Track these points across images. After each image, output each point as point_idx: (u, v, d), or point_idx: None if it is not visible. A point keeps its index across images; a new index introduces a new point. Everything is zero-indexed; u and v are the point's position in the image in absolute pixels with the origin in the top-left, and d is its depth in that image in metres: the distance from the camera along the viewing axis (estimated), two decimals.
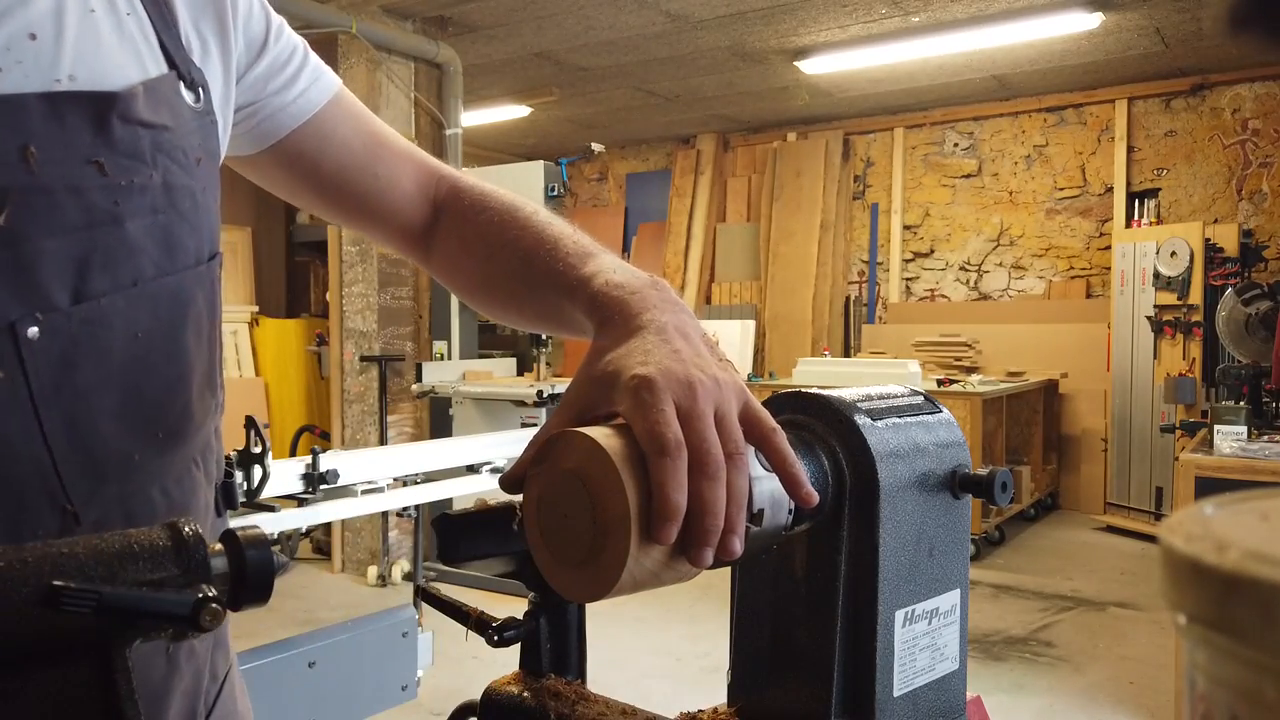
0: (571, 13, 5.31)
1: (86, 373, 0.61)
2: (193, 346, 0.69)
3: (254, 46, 0.78)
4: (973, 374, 6.25)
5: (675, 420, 0.53)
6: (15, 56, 0.58)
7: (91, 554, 0.46)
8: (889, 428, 0.64)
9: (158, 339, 0.65)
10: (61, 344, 0.59)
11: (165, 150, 0.65)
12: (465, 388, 5.21)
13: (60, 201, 0.59)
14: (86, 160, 0.60)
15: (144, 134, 0.63)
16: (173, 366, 0.67)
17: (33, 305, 0.58)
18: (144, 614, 0.45)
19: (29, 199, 0.58)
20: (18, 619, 0.43)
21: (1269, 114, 6.36)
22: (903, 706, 0.63)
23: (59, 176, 0.59)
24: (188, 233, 0.67)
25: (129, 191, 0.62)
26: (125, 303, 0.63)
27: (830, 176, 7.76)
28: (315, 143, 0.82)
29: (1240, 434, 3.13)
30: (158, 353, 0.65)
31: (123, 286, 0.62)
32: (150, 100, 0.64)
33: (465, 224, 0.84)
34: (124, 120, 0.62)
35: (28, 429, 0.58)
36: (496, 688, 0.71)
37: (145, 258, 0.64)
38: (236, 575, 0.49)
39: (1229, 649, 0.24)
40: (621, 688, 0.73)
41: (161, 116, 0.65)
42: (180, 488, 0.69)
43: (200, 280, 0.69)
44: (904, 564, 0.63)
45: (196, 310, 0.69)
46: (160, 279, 0.65)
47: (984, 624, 4.25)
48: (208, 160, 0.70)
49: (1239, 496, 0.29)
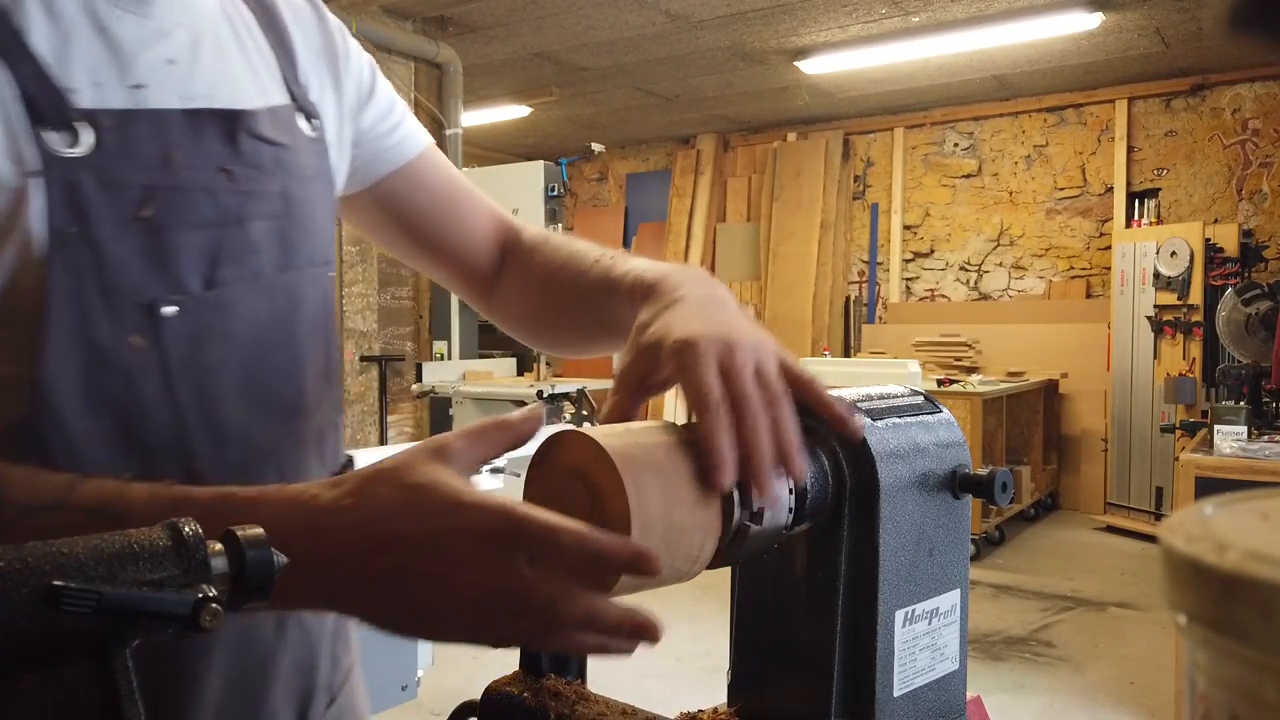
0: (571, 13, 5.31)
1: (213, 350, 0.69)
2: (307, 339, 0.77)
3: (362, 95, 0.88)
4: (973, 374, 6.25)
5: (717, 378, 0.57)
6: (158, 78, 0.68)
7: (91, 554, 0.46)
8: (889, 428, 0.64)
9: (275, 328, 0.74)
10: (192, 323, 0.68)
11: (284, 165, 0.75)
12: (465, 388, 5.21)
13: (195, 200, 0.69)
14: (218, 167, 0.70)
15: (266, 149, 0.73)
16: (287, 354, 0.75)
17: (170, 288, 0.67)
18: (144, 614, 0.45)
19: (170, 196, 0.67)
20: (18, 619, 0.43)
21: (1269, 114, 6.36)
22: (903, 706, 0.63)
23: (195, 179, 0.68)
24: (301, 238, 0.76)
25: (252, 196, 0.72)
26: (247, 292, 0.72)
27: (830, 176, 7.76)
28: (407, 187, 0.91)
29: (1240, 434, 3.13)
30: (275, 340, 0.74)
31: (245, 278, 0.71)
32: (272, 121, 0.75)
33: (526, 260, 0.93)
34: (250, 135, 0.72)
35: (162, 396, 0.67)
36: (496, 688, 0.71)
37: (265, 255, 0.73)
38: (236, 575, 0.49)
39: (1229, 649, 0.24)
40: (621, 688, 0.73)
41: (281, 136, 0.75)
42: (294, 467, 0.76)
43: (314, 281, 0.78)
44: (904, 564, 0.63)
45: (310, 308, 0.78)
46: (277, 275, 0.74)
47: (984, 624, 4.25)
48: (321, 180, 0.80)
49: (1239, 496, 0.29)
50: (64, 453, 0.63)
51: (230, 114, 0.72)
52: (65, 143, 0.63)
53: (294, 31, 0.82)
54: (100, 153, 0.64)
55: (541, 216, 5.39)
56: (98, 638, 0.45)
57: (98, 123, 0.64)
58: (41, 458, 0.61)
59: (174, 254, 0.67)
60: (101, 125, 0.64)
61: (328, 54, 0.85)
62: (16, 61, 0.62)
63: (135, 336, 0.65)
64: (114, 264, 0.65)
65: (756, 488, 0.56)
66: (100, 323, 0.64)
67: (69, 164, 0.63)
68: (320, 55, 0.84)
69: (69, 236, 0.63)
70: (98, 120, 0.64)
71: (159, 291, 0.66)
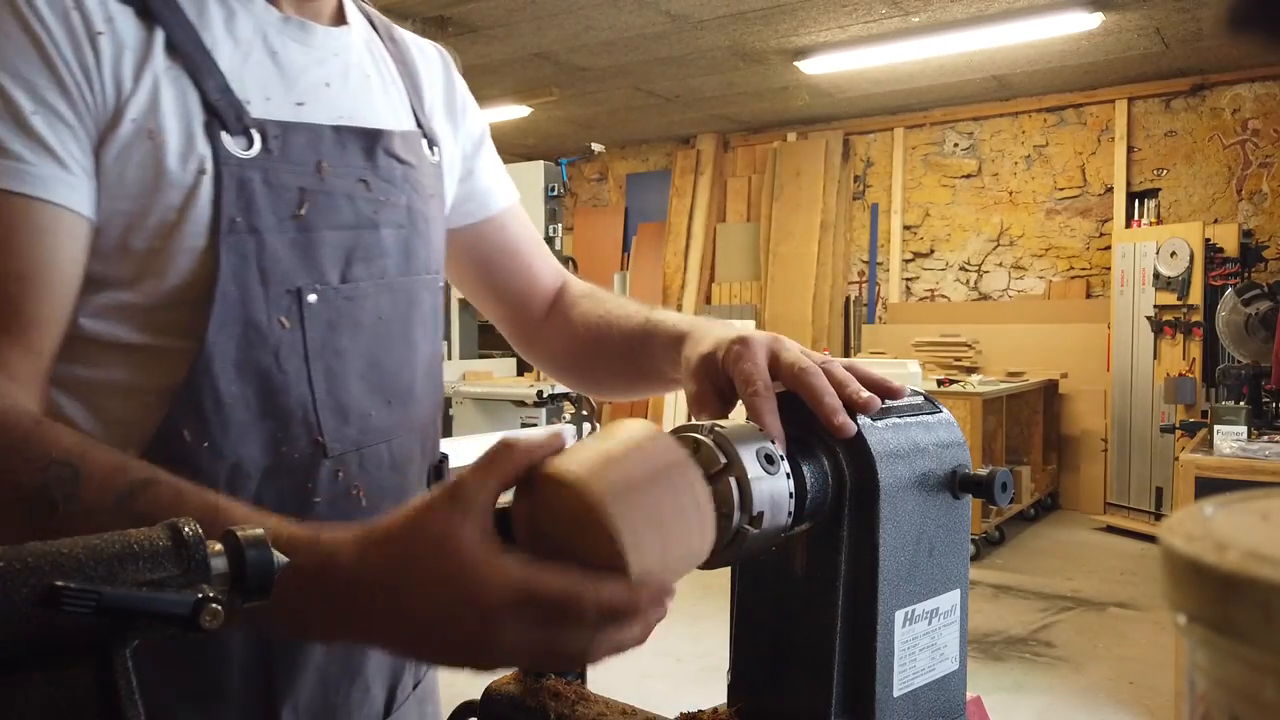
0: (571, 13, 5.31)
1: (343, 337, 0.79)
2: (419, 339, 0.87)
3: (474, 145, 1.02)
4: (973, 374, 6.25)
5: (766, 368, 0.68)
6: (315, 98, 0.80)
7: (91, 554, 0.46)
8: (889, 428, 0.64)
9: (394, 324, 0.84)
10: (329, 311, 0.78)
11: (410, 182, 0.86)
12: (465, 388, 5.21)
13: (339, 204, 0.79)
14: (358, 178, 0.81)
15: (397, 166, 0.85)
16: (403, 348, 0.85)
17: (313, 278, 0.77)
18: (144, 614, 0.45)
19: (319, 199, 0.77)
20: (18, 619, 0.43)
21: (1269, 114, 6.36)
22: (903, 706, 0.63)
23: (339, 186, 0.79)
24: (420, 247, 0.87)
25: (384, 206, 0.83)
26: (374, 289, 0.82)
27: (830, 176, 7.76)
28: (495, 232, 1.03)
29: (1240, 434, 3.13)
30: (393, 335, 0.84)
31: (374, 276, 0.82)
32: (403, 142, 0.86)
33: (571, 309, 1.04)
34: (385, 152, 0.84)
35: (300, 372, 0.76)
36: (496, 688, 0.71)
37: (391, 259, 0.83)
38: (236, 575, 0.49)
39: (1229, 649, 0.24)
40: (621, 688, 0.74)
41: (409, 156, 0.87)
42: (402, 451, 0.85)
43: (428, 287, 0.89)
44: (904, 564, 0.63)
45: (423, 310, 0.88)
46: (399, 278, 0.84)
47: (984, 624, 4.25)
48: (438, 201, 0.91)
49: (1239, 496, 0.29)
50: (214, 413, 0.72)
51: (370, 132, 0.83)
52: (240, 146, 0.73)
53: (424, 73, 0.96)
54: (266, 156, 0.74)
55: (542, 216, 5.39)
56: (98, 638, 0.45)
57: (266, 131, 0.75)
58: (195, 416, 0.72)
59: (319, 249, 0.77)
60: (269, 133, 0.75)
61: (449, 101, 0.99)
62: (205, 76, 0.73)
63: (283, 318, 0.75)
64: (271, 253, 0.74)
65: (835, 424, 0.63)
66: (257, 302, 0.74)
67: (242, 163, 0.73)
68: (443, 99, 0.98)
69: (237, 225, 0.72)
70: (266, 129, 0.75)
71: (305, 280, 0.76)
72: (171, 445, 0.71)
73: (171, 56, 0.72)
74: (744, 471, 0.57)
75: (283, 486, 0.76)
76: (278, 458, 0.75)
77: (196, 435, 0.72)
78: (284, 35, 0.79)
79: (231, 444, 0.73)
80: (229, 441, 0.73)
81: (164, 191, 0.71)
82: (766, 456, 0.59)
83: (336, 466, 0.78)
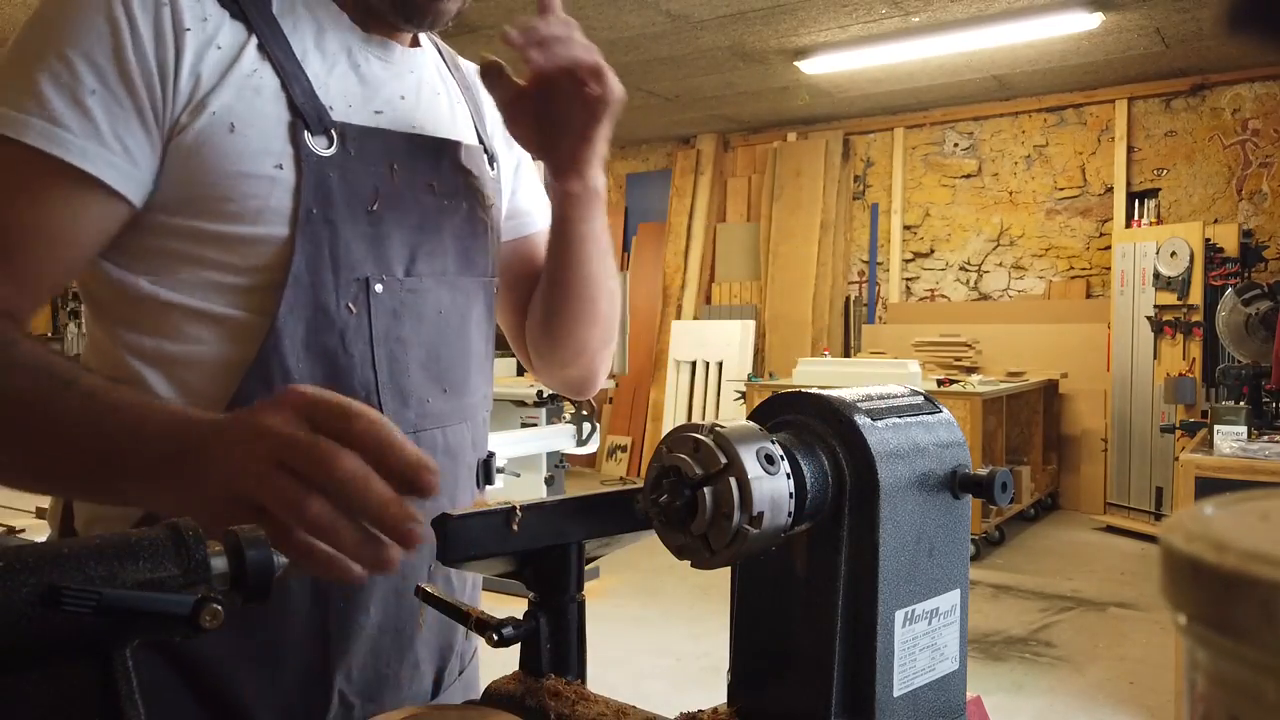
0: (571, 12, 5.28)
1: (406, 326, 0.86)
2: (474, 335, 0.94)
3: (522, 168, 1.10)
4: (973, 374, 6.25)
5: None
6: (391, 108, 0.88)
7: (92, 554, 0.46)
8: (889, 428, 0.64)
9: (452, 319, 0.91)
10: (394, 301, 0.85)
11: (472, 190, 0.94)
12: None
13: (408, 204, 0.86)
14: (426, 183, 0.88)
15: (461, 175, 0.92)
16: (459, 343, 0.92)
17: (381, 269, 0.84)
18: (144, 614, 0.45)
19: (390, 197, 0.85)
20: (18, 619, 0.43)
21: (1269, 114, 6.36)
22: (903, 706, 0.63)
23: (408, 186, 0.86)
24: (478, 251, 0.94)
25: (447, 211, 0.90)
26: (435, 285, 0.89)
27: (830, 176, 7.76)
28: (530, 251, 1.09)
29: (1240, 434, 3.13)
30: (451, 329, 0.90)
31: (436, 273, 0.89)
32: (468, 155, 0.94)
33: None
34: (451, 162, 0.92)
35: (364, 355, 0.83)
36: (496, 688, 0.71)
37: (451, 259, 0.91)
38: (236, 575, 0.49)
39: (1229, 649, 0.24)
40: (621, 687, 0.74)
41: (473, 168, 0.94)
42: (456, 439, 0.91)
43: (484, 289, 0.96)
44: (904, 564, 0.63)
45: (479, 310, 0.95)
46: (458, 277, 0.91)
47: (984, 624, 4.25)
48: (496, 211, 0.99)
49: (1239, 496, 0.29)
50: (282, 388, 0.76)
51: (440, 142, 0.91)
52: (321, 145, 0.80)
53: (484, 97, 1.02)
54: (344, 155, 0.81)
55: None
56: (98, 638, 0.45)
57: (345, 133, 0.82)
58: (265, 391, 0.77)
59: (387, 243, 0.84)
60: (348, 136, 0.82)
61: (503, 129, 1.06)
62: (293, 80, 0.80)
63: (351, 304, 0.82)
64: (344, 243, 0.81)
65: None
66: (327, 288, 0.80)
67: (321, 161, 0.80)
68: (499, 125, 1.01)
69: (314, 216, 0.79)
70: (346, 131, 0.82)
71: (373, 271, 0.83)
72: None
73: (263, 59, 0.79)
74: (744, 471, 0.57)
75: None
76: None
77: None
78: (367, 51, 0.88)
79: None
80: None
81: (245, 180, 0.77)
82: (766, 456, 0.59)
83: None
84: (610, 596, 4.54)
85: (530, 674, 0.71)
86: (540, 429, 4.73)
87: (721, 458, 0.58)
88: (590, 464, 8.04)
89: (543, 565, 0.70)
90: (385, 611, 0.86)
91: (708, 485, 0.58)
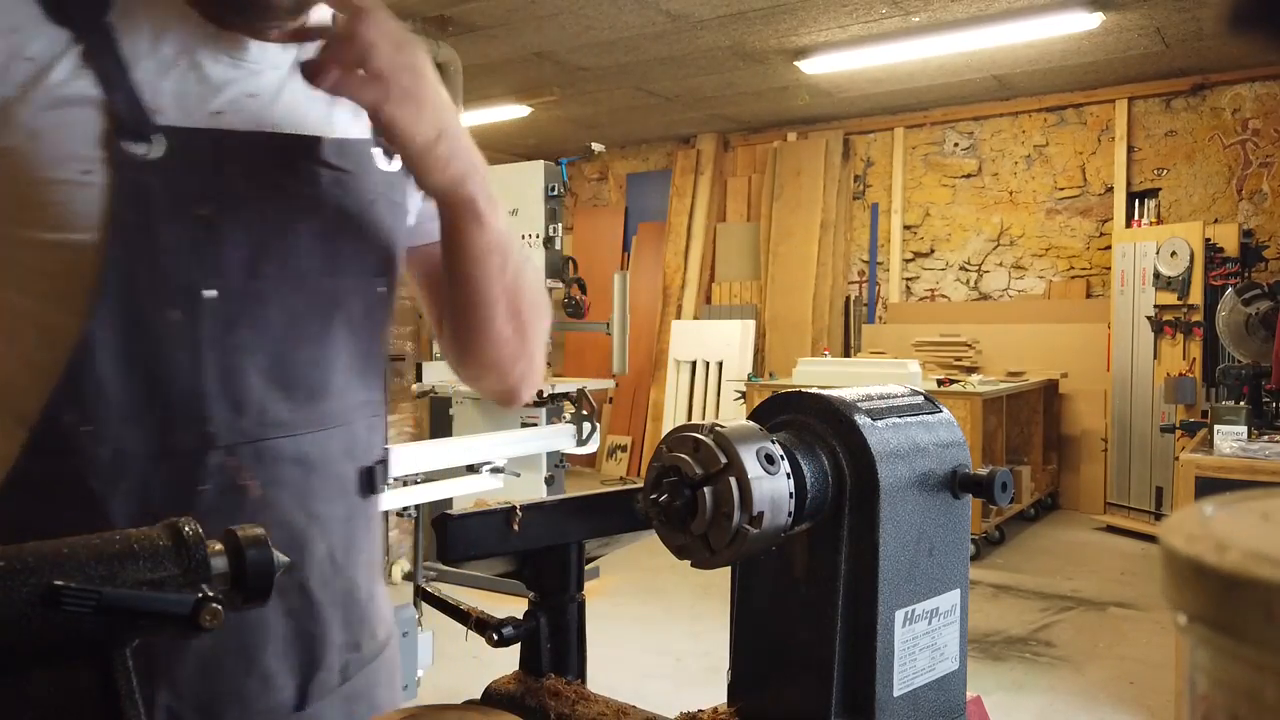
0: (571, 13, 5.31)
1: (243, 333, 0.81)
2: (342, 339, 0.89)
3: None
4: (973, 374, 6.25)
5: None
6: (236, 108, 0.84)
7: (92, 554, 0.46)
8: (889, 428, 0.64)
9: (309, 324, 0.86)
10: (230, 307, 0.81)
11: (346, 187, 0.88)
12: (464, 388, 5.20)
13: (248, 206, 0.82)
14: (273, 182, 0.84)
15: (326, 172, 0.87)
16: (316, 349, 0.87)
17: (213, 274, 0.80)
18: (144, 614, 0.45)
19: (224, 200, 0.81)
20: (18, 618, 0.43)
21: (1269, 114, 6.36)
22: (903, 706, 0.63)
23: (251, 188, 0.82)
24: (352, 252, 0.89)
25: (304, 210, 0.85)
26: (286, 289, 0.84)
27: (830, 176, 7.76)
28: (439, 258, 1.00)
29: (1240, 434, 3.12)
30: (306, 334, 0.86)
31: (288, 277, 0.84)
32: (338, 150, 0.88)
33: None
34: (309, 159, 0.86)
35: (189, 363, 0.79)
36: (496, 687, 0.71)
37: (308, 260, 0.85)
38: (236, 575, 0.49)
39: (1230, 649, 0.24)
40: (621, 687, 0.73)
41: (346, 164, 0.88)
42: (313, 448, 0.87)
43: (360, 290, 0.90)
44: (904, 564, 0.63)
45: (351, 312, 0.89)
46: (322, 279, 0.86)
47: (984, 624, 4.25)
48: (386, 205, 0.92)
49: (1239, 496, 0.29)
50: (94, 398, 0.76)
51: (293, 139, 0.86)
52: (140, 150, 0.77)
53: None
54: (169, 159, 0.78)
55: (542, 216, 5.39)
56: (98, 637, 0.45)
57: (171, 137, 0.78)
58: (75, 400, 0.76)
59: (223, 248, 0.80)
60: (174, 139, 0.78)
61: None
62: (113, 88, 0.77)
63: (174, 311, 0.78)
64: (165, 250, 0.78)
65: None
66: (144, 295, 0.77)
67: (140, 165, 0.77)
68: None
69: (128, 223, 0.76)
70: (172, 135, 0.79)
71: (202, 277, 0.79)
72: (55, 427, 0.76)
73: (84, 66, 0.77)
74: (744, 471, 0.57)
75: (167, 472, 0.79)
76: (165, 445, 0.78)
77: (77, 419, 0.76)
78: (215, 50, 0.84)
79: (113, 429, 0.77)
80: (110, 426, 0.77)
81: (48, 187, 0.76)
82: (766, 456, 0.59)
83: (225, 457, 0.81)
84: (610, 596, 4.55)
85: (530, 674, 0.71)
86: (540, 429, 4.73)
87: (722, 457, 0.58)
88: (590, 464, 8.04)
89: (543, 565, 0.70)
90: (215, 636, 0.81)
91: (708, 485, 0.58)
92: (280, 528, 0.83)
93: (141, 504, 0.78)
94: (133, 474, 0.77)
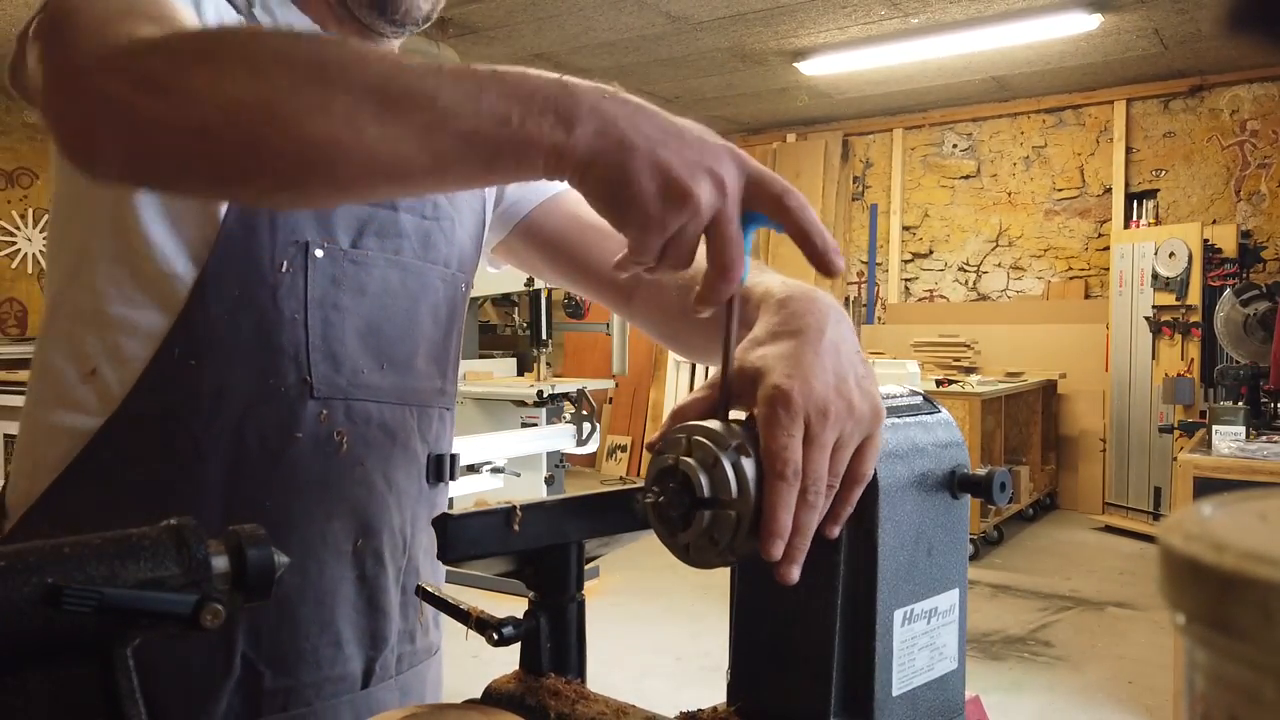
0: (571, 14, 5.31)
1: (345, 295, 0.86)
2: (425, 320, 0.94)
3: None
4: (971, 374, 6.25)
5: (800, 446, 0.56)
6: None
7: (93, 553, 0.46)
8: (888, 428, 0.64)
9: (401, 299, 0.91)
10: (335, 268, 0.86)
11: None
12: (465, 388, 5.20)
13: None
14: None
15: None
16: (405, 324, 0.92)
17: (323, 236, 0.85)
18: (145, 613, 0.45)
19: None
20: (19, 618, 0.43)
21: (1267, 115, 6.36)
22: (902, 706, 0.63)
23: None
24: (441, 241, 0.95)
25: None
26: (385, 262, 0.89)
27: (829, 177, 7.76)
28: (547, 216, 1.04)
29: (1238, 434, 3.13)
30: (398, 308, 0.91)
31: (387, 251, 0.90)
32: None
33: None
34: None
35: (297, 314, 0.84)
36: (496, 687, 0.71)
37: (406, 241, 0.91)
38: (237, 574, 0.49)
39: (1228, 649, 0.24)
40: (622, 686, 0.74)
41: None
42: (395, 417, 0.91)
43: (443, 279, 0.96)
44: (903, 564, 0.63)
45: (434, 297, 0.95)
46: (414, 260, 0.92)
47: (983, 623, 4.25)
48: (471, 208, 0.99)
49: (1237, 497, 0.29)
50: (205, 336, 0.80)
51: None
52: None
53: None
54: None
55: None
56: (99, 637, 0.45)
57: None
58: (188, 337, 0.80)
59: (332, 213, 0.86)
60: None
61: None
62: None
63: (287, 263, 0.83)
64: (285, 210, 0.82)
65: (787, 562, 0.57)
66: (262, 246, 0.82)
67: None
68: None
69: None
70: None
71: (314, 236, 0.84)
72: (167, 361, 0.80)
73: None
74: (750, 510, 0.57)
75: (266, 415, 0.82)
76: (265, 388, 0.82)
77: (186, 354, 0.80)
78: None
79: (219, 367, 0.81)
80: (216, 364, 0.81)
81: None
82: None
83: (321, 408, 0.85)
84: (610, 595, 4.54)
85: (530, 673, 0.71)
86: (540, 429, 4.73)
87: (734, 489, 0.56)
88: (590, 464, 8.04)
89: (543, 565, 0.70)
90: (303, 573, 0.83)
91: (710, 509, 0.57)
92: (363, 486, 0.88)
93: (236, 447, 0.81)
94: (232, 414, 0.81)
